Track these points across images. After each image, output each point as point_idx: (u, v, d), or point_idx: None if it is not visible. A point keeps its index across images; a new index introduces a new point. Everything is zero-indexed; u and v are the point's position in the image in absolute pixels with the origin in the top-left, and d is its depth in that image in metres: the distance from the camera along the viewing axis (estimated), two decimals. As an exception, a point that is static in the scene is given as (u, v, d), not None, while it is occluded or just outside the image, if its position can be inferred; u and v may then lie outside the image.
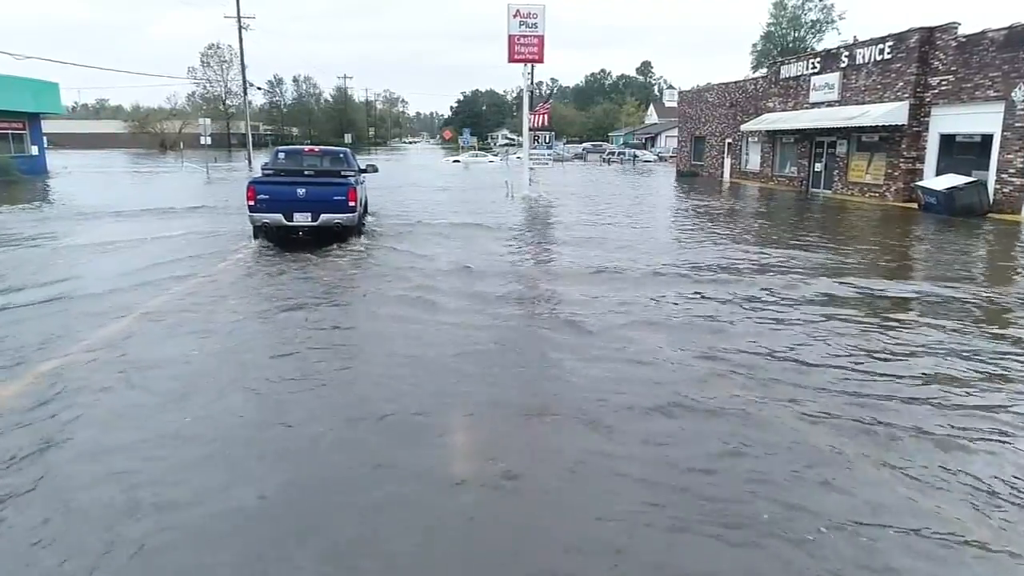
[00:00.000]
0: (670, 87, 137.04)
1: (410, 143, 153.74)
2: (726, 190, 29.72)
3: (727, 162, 36.58)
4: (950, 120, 20.97)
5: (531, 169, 25.54)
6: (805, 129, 27.15)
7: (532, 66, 25.32)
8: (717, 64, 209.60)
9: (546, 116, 26.37)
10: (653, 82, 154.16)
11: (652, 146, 76.72)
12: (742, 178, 34.41)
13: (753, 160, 33.77)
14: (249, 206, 12.35)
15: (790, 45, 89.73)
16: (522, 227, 16.42)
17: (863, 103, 24.11)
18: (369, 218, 16.71)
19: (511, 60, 24.67)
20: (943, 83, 21.05)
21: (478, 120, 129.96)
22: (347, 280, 10.02)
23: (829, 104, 26.30)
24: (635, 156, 60.80)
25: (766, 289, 9.56)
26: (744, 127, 31.95)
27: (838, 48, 25.89)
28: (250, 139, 55.02)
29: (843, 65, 25.44)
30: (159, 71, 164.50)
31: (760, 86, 32.63)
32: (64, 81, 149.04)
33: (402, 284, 9.70)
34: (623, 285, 9.78)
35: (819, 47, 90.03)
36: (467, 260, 11.59)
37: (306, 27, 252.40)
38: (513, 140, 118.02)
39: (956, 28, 20.70)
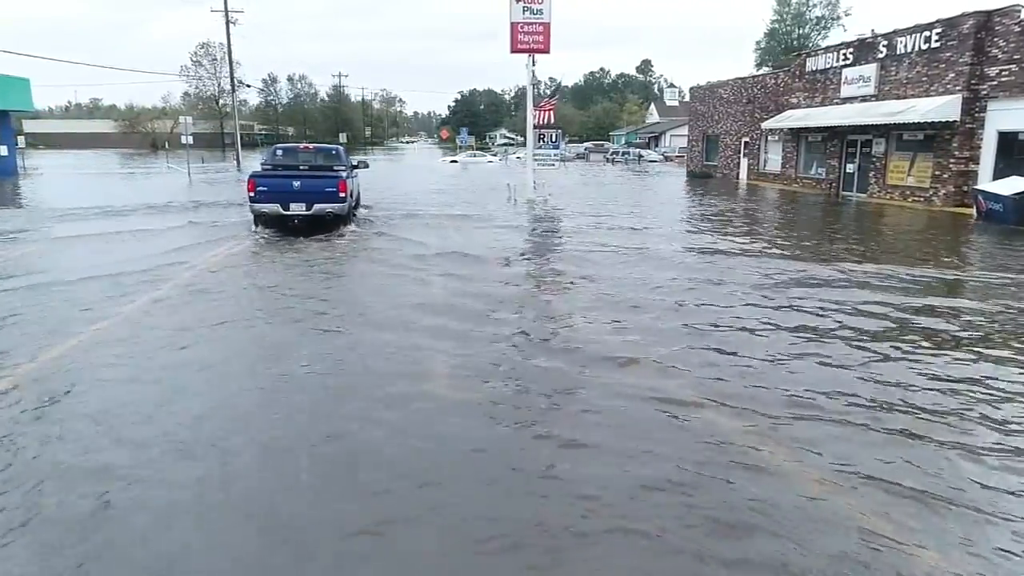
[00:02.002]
0: (671, 85, 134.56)
1: (407, 143, 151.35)
2: (750, 194, 27.27)
3: (743, 162, 34.16)
4: (1012, 115, 18.54)
5: (535, 170, 23.15)
6: (835, 126, 24.72)
7: (533, 58, 22.97)
8: (718, 63, 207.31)
9: (552, 113, 23.92)
10: (653, 81, 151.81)
11: (656, 145, 74.32)
12: (761, 179, 32.00)
13: (773, 160, 31.36)
14: (249, 197, 13.45)
15: (794, 42, 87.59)
16: (527, 236, 14.03)
17: (905, 97, 21.71)
18: (361, 210, 17.59)
19: (514, 50, 22.31)
20: (1003, 74, 18.64)
21: (476, 119, 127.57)
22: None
23: (864, 99, 23.89)
24: (640, 156, 58.36)
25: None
26: (766, 124, 29.52)
27: (874, 37, 23.47)
28: (239, 138, 52.60)
29: (880, 56, 23.03)
30: (159, 71, 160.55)
31: (781, 80, 30.21)
32: (59, 80, 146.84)
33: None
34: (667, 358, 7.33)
35: (824, 44, 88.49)
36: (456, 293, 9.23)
37: (302, 27, 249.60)
38: (512, 139, 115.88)
39: (1020, 11, 18.30)
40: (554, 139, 23.40)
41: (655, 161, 58.74)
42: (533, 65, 23.03)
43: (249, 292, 9.04)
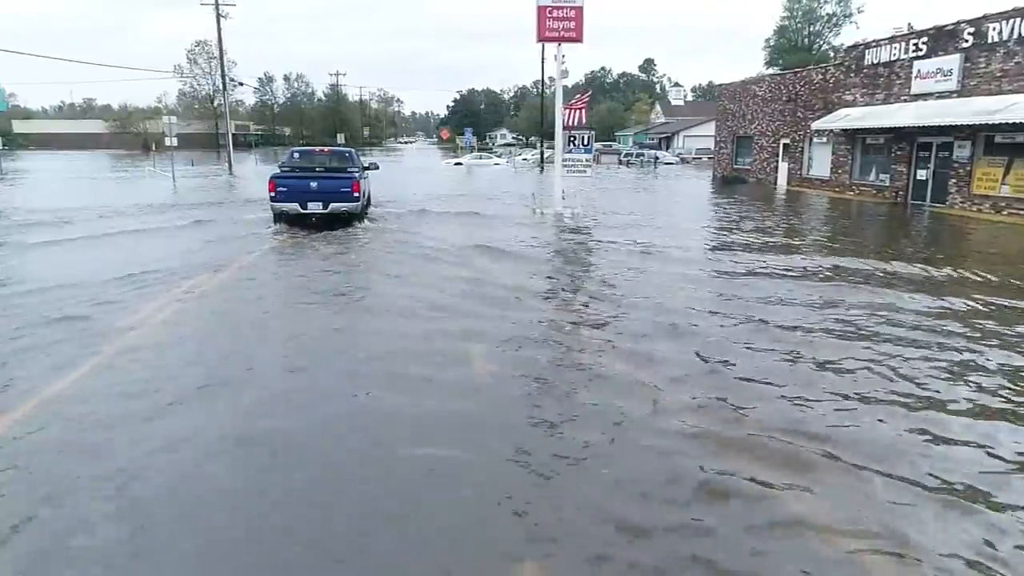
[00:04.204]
0: (676, 85, 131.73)
1: (406, 143, 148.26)
2: (803, 203, 24.08)
3: (783, 167, 30.99)
4: None
5: (563, 177, 20.00)
6: (906, 127, 21.52)
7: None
8: (723, 62, 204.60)
9: (583, 111, 20.75)
10: (656, 80, 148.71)
11: (668, 147, 71.19)
12: (804, 186, 28.82)
13: (820, 164, 28.20)
14: (270, 196, 14.72)
15: (805, 40, 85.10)
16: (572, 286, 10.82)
17: (1000, 92, 18.56)
18: (373, 208, 18.49)
19: (541, 39, 19.30)
20: None
21: (475, 120, 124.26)
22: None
23: (942, 95, 20.74)
24: (656, 158, 55.13)
25: None
26: (817, 124, 26.29)
27: (957, 23, 20.28)
28: (231, 139, 49.49)
29: (966, 45, 19.87)
30: (154, 69, 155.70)
31: (832, 75, 27.02)
32: (54, 80, 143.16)
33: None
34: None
35: (836, 42, 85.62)
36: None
37: (299, 27, 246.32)
38: (519, 140, 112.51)
39: None
40: (586, 142, 20.20)
41: (672, 163, 55.63)
42: (563, 57, 19.93)
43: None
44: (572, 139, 20.06)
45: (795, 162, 29.87)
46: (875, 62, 23.92)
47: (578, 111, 20.32)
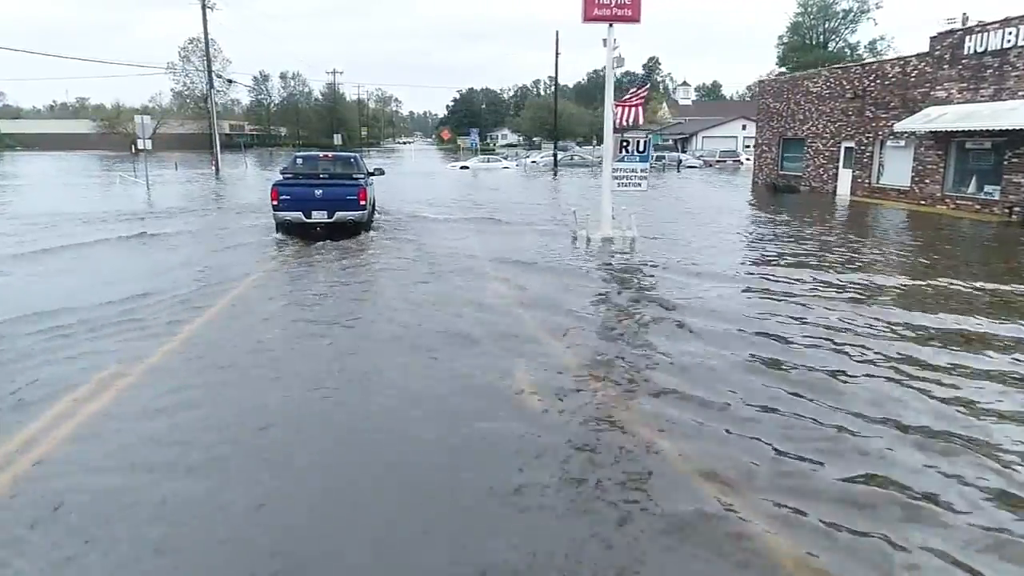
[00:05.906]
0: (684, 84, 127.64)
1: (404, 144, 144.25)
2: (897, 220, 19.98)
3: (845, 174, 26.92)
4: None
5: (613, 192, 15.93)
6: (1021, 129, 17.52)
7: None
8: (723, 62, 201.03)
9: (639, 108, 16.69)
10: (660, 79, 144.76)
11: (686, 148, 67.16)
12: (875, 196, 24.76)
13: (895, 172, 24.12)
14: (273, 205, 14.16)
15: (820, 37, 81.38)
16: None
17: None
18: (377, 215, 17.82)
19: (588, 18, 15.28)
20: None
21: (476, 120, 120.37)
22: None
23: (1080, 90, 16.80)
24: (679, 161, 51.02)
25: None
26: (900, 126, 22.16)
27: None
28: (217, 139, 45.57)
29: (1119, 26, 15.91)
30: (147, 65, 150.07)
31: (915, 68, 22.92)
32: (49, 79, 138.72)
33: None
34: None
35: (853, 39, 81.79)
36: None
37: (297, 26, 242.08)
38: (524, 140, 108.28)
39: None
40: (642, 147, 16.10)
41: (694, 167, 51.52)
42: (615, 44, 15.85)
43: None
44: (624, 144, 16.00)
45: (862, 169, 25.80)
46: (979, 51, 19.87)
47: (633, 108, 16.19)
